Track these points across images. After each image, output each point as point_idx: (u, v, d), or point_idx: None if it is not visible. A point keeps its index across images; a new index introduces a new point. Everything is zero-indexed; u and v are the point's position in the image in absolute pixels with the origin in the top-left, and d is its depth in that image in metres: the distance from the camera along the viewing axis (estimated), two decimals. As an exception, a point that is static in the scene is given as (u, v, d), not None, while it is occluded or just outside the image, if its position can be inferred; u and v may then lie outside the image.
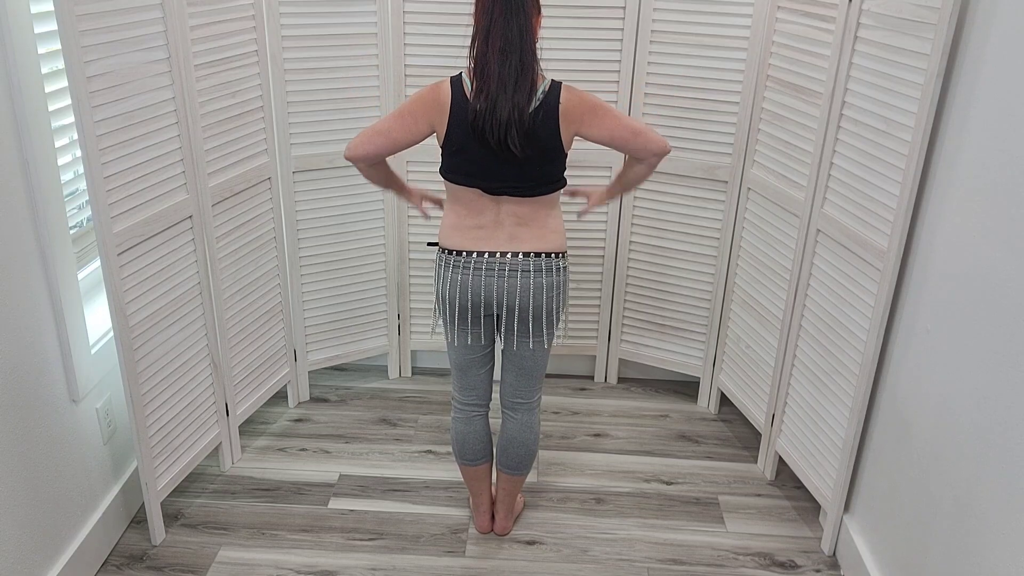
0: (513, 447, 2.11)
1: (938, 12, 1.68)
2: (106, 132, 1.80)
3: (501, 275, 1.90)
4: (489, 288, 1.91)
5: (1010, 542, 1.46)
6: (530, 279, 1.91)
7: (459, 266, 1.91)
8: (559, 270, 1.94)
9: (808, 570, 2.17)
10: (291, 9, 2.39)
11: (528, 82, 1.75)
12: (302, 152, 2.56)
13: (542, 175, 1.86)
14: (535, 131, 1.78)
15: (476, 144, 1.80)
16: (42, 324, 1.85)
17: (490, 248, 1.90)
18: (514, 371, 2.05)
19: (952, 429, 1.69)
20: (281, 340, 2.69)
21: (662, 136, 1.87)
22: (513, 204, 1.88)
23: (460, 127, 1.80)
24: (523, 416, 2.10)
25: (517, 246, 1.91)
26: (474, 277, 1.91)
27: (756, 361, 2.56)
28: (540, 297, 1.92)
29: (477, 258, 1.90)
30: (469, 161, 1.83)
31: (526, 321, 1.94)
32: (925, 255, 1.82)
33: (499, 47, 1.73)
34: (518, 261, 1.90)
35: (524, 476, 2.17)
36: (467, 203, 1.90)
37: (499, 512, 2.24)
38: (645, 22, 2.49)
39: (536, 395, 2.10)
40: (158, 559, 2.14)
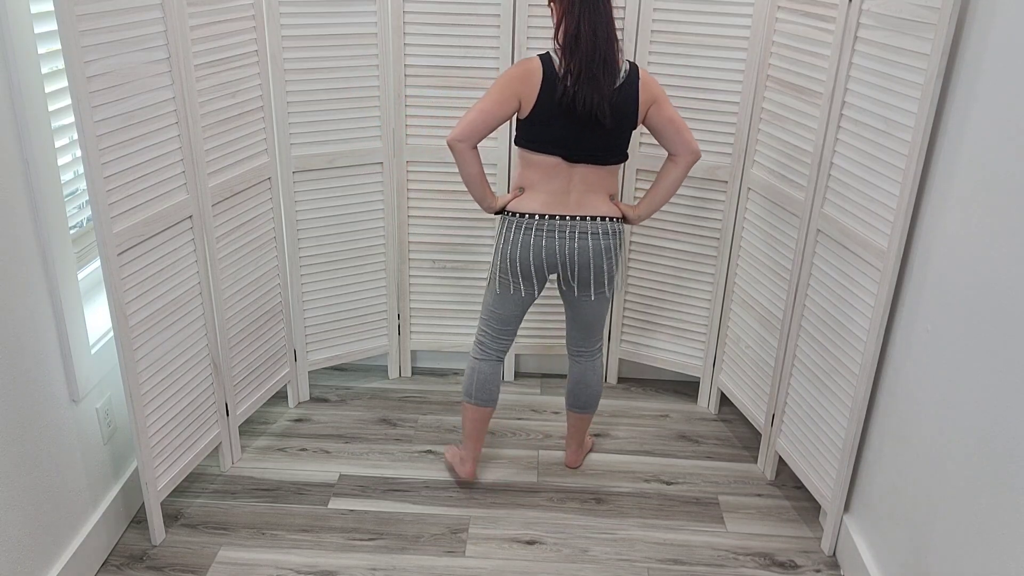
0: (579, 388, 2.39)
1: (938, 12, 1.68)
2: (106, 132, 1.80)
3: (572, 237, 2.11)
4: (560, 249, 2.12)
5: (1010, 542, 1.46)
6: (596, 241, 2.12)
7: (531, 228, 2.11)
8: (617, 233, 2.16)
9: (808, 570, 2.17)
10: (291, 9, 2.39)
11: (615, 60, 1.99)
12: (302, 152, 2.56)
13: (617, 145, 2.08)
14: (619, 105, 2.01)
15: (563, 116, 2.00)
16: (42, 324, 1.85)
17: (562, 211, 2.10)
18: (577, 325, 2.32)
19: (952, 429, 1.69)
20: (281, 340, 2.69)
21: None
22: (587, 171, 2.09)
23: (549, 100, 2.00)
24: (586, 362, 2.37)
25: (584, 210, 2.11)
26: (546, 239, 2.11)
27: (756, 361, 2.57)
28: (601, 257, 2.14)
29: (549, 221, 2.10)
30: (555, 130, 2.03)
31: (588, 280, 2.17)
32: (925, 255, 1.82)
33: (590, 31, 1.94)
34: (587, 223, 2.11)
35: (590, 415, 2.45)
36: (544, 170, 2.09)
37: (570, 447, 2.52)
38: (645, 22, 2.49)
39: (596, 344, 2.36)
40: (158, 559, 2.14)
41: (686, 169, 2.11)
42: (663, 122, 2.07)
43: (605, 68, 1.97)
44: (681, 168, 2.11)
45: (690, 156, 2.09)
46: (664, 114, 2.06)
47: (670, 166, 2.12)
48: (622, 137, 2.07)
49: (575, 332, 2.33)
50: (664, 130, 2.08)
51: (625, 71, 2.01)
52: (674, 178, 2.12)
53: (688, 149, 2.08)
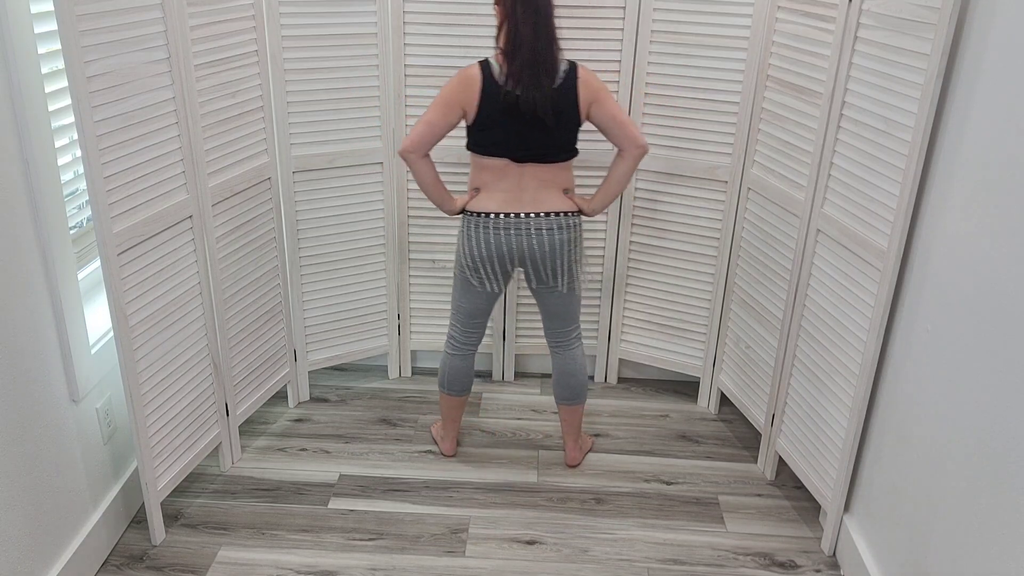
0: (563, 378, 2.42)
1: (938, 12, 1.68)
2: (106, 132, 1.80)
3: (527, 233, 2.18)
4: (518, 245, 2.20)
5: (1010, 542, 1.46)
6: (552, 236, 2.19)
7: (488, 227, 2.19)
8: (573, 227, 2.23)
9: (808, 570, 2.17)
10: (291, 9, 2.39)
11: (554, 62, 2.06)
12: (302, 152, 2.56)
13: (562, 143, 2.15)
14: (559, 103, 2.07)
15: (507, 118, 2.08)
16: (42, 324, 1.85)
17: (515, 209, 2.18)
18: (547, 316, 2.38)
19: (952, 429, 1.69)
20: (281, 340, 2.69)
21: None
22: (536, 169, 2.16)
23: (491, 104, 2.08)
24: (565, 351, 2.41)
25: (538, 207, 2.19)
26: (504, 236, 2.19)
27: (756, 361, 2.56)
28: (557, 251, 2.21)
29: (504, 219, 2.18)
30: (499, 134, 2.11)
31: (550, 272, 2.23)
32: (925, 255, 1.82)
33: (527, 34, 2.02)
34: (541, 220, 2.18)
35: (580, 405, 2.46)
36: (494, 171, 2.17)
37: (568, 444, 2.53)
38: (645, 22, 2.49)
39: (572, 333, 2.40)
40: (158, 559, 2.14)
41: (634, 162, 2.16)
42: (605, 119, 2.12)
43: (544, 69, 2.04)
44: (628, 162, 2.16)
45: (636, 150, 2.14)
46: (606, 111, 2.11)
47: (618, 160, 2.18)
48: (566, 135, 2.14)
49: (549, 323, 2.39)
50: (607, 126, 2.13)
51: (564, 70, 2.08)
52: (622, 172, 2.18)
53: (633, 143, 2.13)
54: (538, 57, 2.03)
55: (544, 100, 2.05)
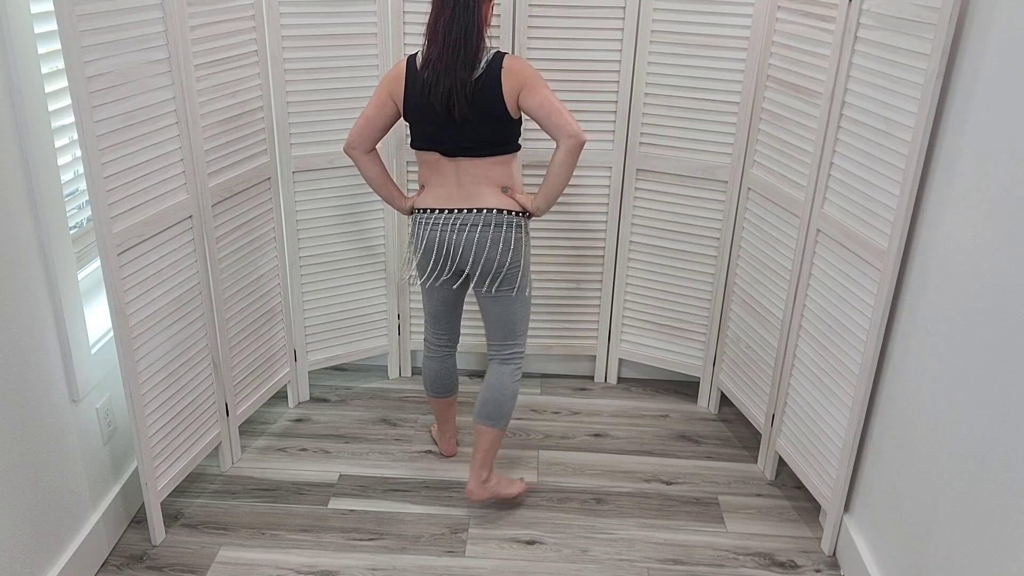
0: (484, 394, 2.25)
1: (938, 12, 1.68)
2: (106, 132, 1.80)
3: (462, 229, 2.10)
4: (454, 242, 2.11)
5: (1010, 542, 1.46)
6: (488, 232, 2.09)
7: (427, 223, 2.13)
8: (513, 226, 2.12)
9: (808, 570, 2.17)
10: (291, 9, 2.39)
11: (471, 53, 1.97)
12: (302, 152, 2.56)
13: (492, 137, 2.05)
14: (478, 97, 1.98)
15: (428, 111, 2.02)
16: (42, 324, 1.85)
17: (451, 205, 2.11)
18: (487, 320, 2.24)
19: (952, 429, 1.69)
20: (281, 340, 2.69)
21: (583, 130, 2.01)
22: (469, 164, 2.08)
23: (413, 97, 2.04)
24: (497, 366, 2.25)
25: (474, 203, 2.10)
26: (440, 232, 2.12)
27: (756, 361, 2.57)
28: (496, 249, 2.10)
29: (438, 215, 2.12)
30: (425, 126, 2.06)
31: (482, 274, 2.13)
32: (925, 255, 1.82)
33: (444, 23, 1.96)
34: (472, 216, 2.10)
35: (495, 429, 2.24)
36: (431, 165, 2.12)
37: (472, 467, 2.28)
38: (645, 22, 2.49)
39: (510, 348, 2.25)
40: (158, 559, 2.14)
41: (567, 152, 1.99)
42: (534, 107, 1.99)
43: (458, 59, 1.95)
44: (562, 152, 1.99)
45: (569, 139, 1.97)
46: (534, 99, 1.98)
47: (555, 152, 2.02)
48: (492, 128, 2.03)
49: (488, 329, 2.26)
50: (536, 115, 1.99)
51: (487, 60, 1.98)
52: (558, 163, 2.01)
53: (565, 132, 1.97)
54: (449, 46, 1.95)
55: (458, 92, 1.96)
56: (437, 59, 1.97)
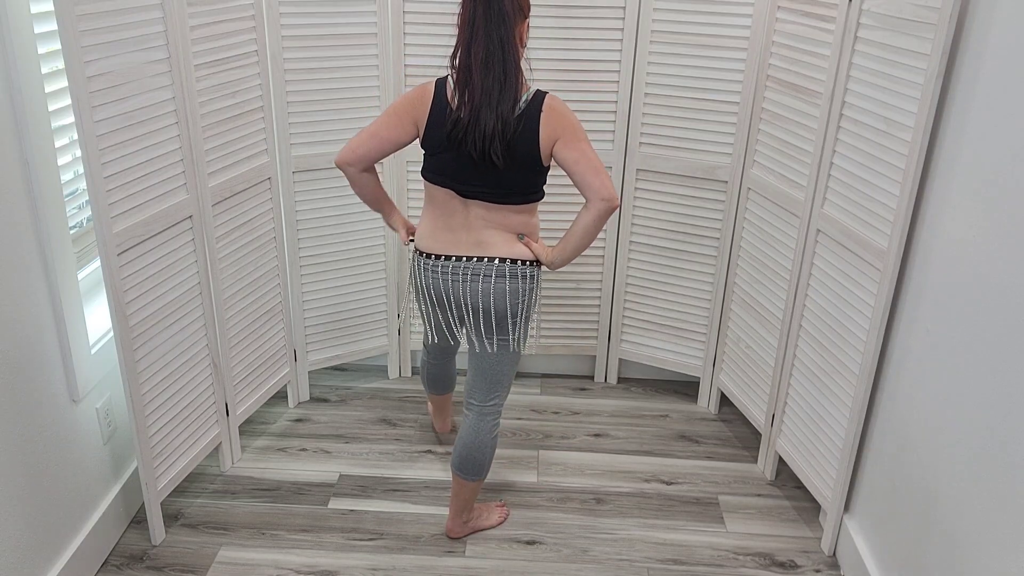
0: (462, 450, 2.09)
1: (938, 12, 1.68)
2: (106, 132, 1.80)
3: (465, 279, 1.92)
4: (455, 291, 1.95)
5: (1010, 542, 1.46)
6: (491, 284, 1.91)
7: (428, 268, 1.96)
8: (525, 277, 1.94)
9: (808, 570, 2.17)
10: (291, 9, 2.39)
11: (512, 93, 1.77)
12: (302, 152, 2.56)
13: (517, 184, 1.87)
14: (516, 140, 1.79)
15: (453, 147, 1.82)
16: (42, 324, 1.85)
17: (456, 252, 1.93)
18: (473, 370, 2.06)
19: (952, 429, 1.69)
20: (281, 340, 2.69)
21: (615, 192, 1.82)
22: (483, 209, 1.90)
23: (438, 129, 1.83)
24: (475, 419, 2.08)
25: (483, 251, 1.92)
26: (442, 280, 1.95)
27: (756, 361, 2.56)
28: (502, 302, 1.93)
29: (444, 262, 1.94)
30: (444, 162, 1.86)
31: (487, 324, 1.96)
32: (925, 255, 1.82)
33: (481, 59, 1.74)
34: (482, 266, 1.91)
35: (472, 483, 2.13)
36: (440, 203, 1.93)
37: (450, 513, 2.22)
38: (645, 22, 2.49)
39: (491, 401, 2.07)
40: (158, 559, 2.14)
41: (597, 216, 1.81)
42: (568, 163, 1.79)
43: (501, 102, 1.75)
44: (592, 215, 1.81)
45: (601, 203, 1.78)
46: (568, 154, 1.79)
47: (582, 211, 1.84)
48: (520, 176, 1.84)
49: (471, 378, 2.07)
50: (571, 170, 1.80)
51: (526, 101, 1.79)
52: (583, 225, 1.84)
53: (597, 196, 1.78)
54: (491, 89, 1.74)
55: (492, 134, 1.75)
56: (473, 96, 1.76)
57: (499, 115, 1.76)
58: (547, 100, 1.80)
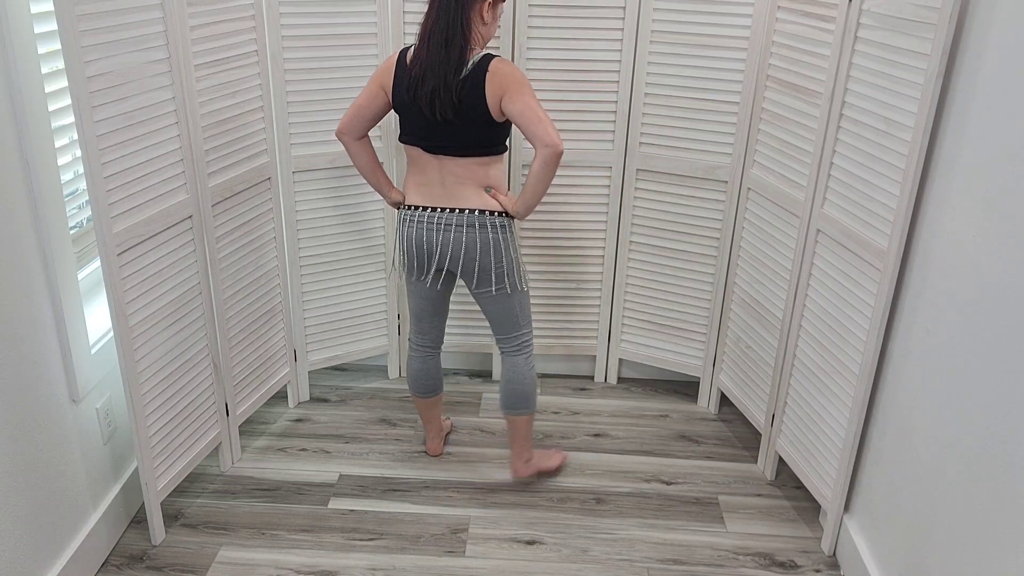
0: (506, 387, 2.31)
1: (938, 12, 1.68)
2: (106, 132, 1.80)
3: (445, 230, 2.11)
4: (432, 241, 2.13)
5: (1010, 542, 1.46)
6: (463, 234, 2.11)
7: (409, 220, 2.15)
8: (495, 227, 2.12)
9: (808, 570, 2.17)
10: (291, 9, 2.39)
11: (455, 55, 1.97)
12: (302, 152, 2.56)
13: (476, 139, 2.05)
14: (462, 98, 1.98)
15: (412, 107, 2.04)
16: (42, 324, 1.85)
17: (431, 203, 2.12)
18: (488, 318, 2.28)
19: (952, 429, 1.69)
20: (281, 340, 2.69)
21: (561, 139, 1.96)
22: (451, 163, 2.09)
23: (400, 91, 2.05)
24: (509, 359, 2.30)
25: (456, 203, 2.11)
26: (419, 230, 2.14)
27: (756, 361, 2.56)
28: (474, 251, 2.12)
29: (421, 212, 2.13)
30: (410, 121, 2.08)
31: (470, 274, 2.16)
32: (925, 255, 1.82)
33: (430, 28, 1.99)
34: (454, 216, 2.10)
35: (523, 416, 2.33)
36: (415, 161, 2.13)
37: (512, 453, 2.43)
38: (645, 22, 2.49)
39: (516, 340, 2.28)
40: (158, 559, 2.14)
41: (544, 162, 1.96)
42: (515, 113, 1.96)
43: (440, 60, 1.96)
44: (539, 161, 1.97)
45: (544, 149, 1.94)
46: (514, 106, 1.95)
47: (533, 161, 2.00)
48: (474, 130, 2.02)
49: (491, 326, 2.31)
50: (517, 121, 1.97)
51: (473, 63, 1.98)
52: (534, 173, 2.00)
53: (542, 142, 1.94)
54: (435, 51, 1.97)
55: (441, 93, 1.96)
56: (424, 58, 1.99)
57: (442, 73, 1.96)
58: (492, 63, 1.99)
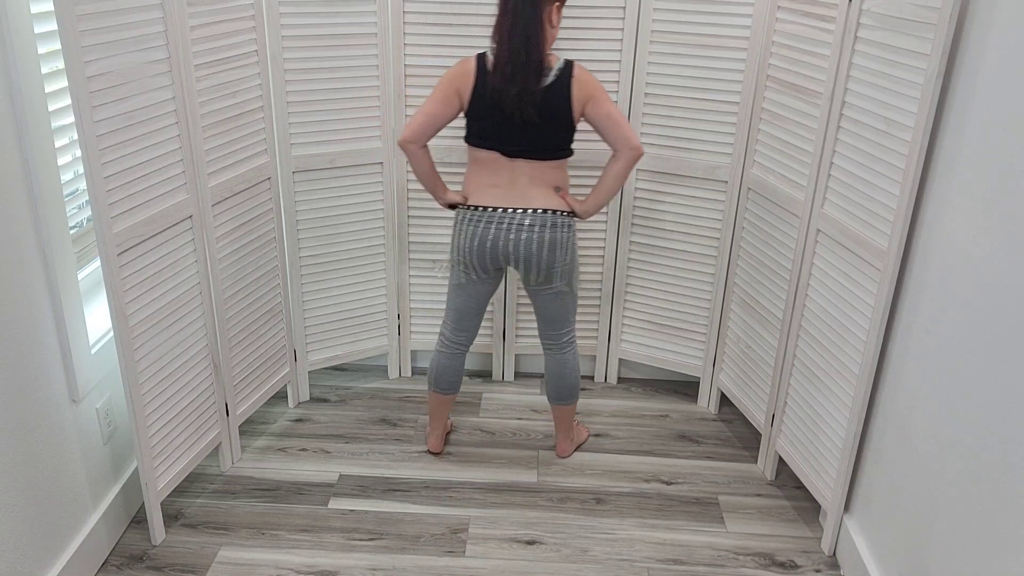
0: (553, 380, 2.45)
1: (938, 12, 1.68)
2: (106, 132, 1.80)
3: (517, 229, 2.18)
4: (504, 240, 2.19)
5: (1010, 542, 1.46)
6: (538, 233, 2.18)
7: (480, 220, 2.20)
8: (564, 226, 2.21)
9: (808, 570, 2.17)
10: (291, 9, 2.39)
11: (536, 59, 2.04)
12: (302, 152, 2.56)
13: (553, 141, 2.15)
14: (547, 102, 2.07)
15: (494, 112, 2.09)
16: (42, 324, 1.85)
17: (504, 204, 2.19)
18: (539, 318, 2.38)
19: (952, 429, 1.69)
20: (281, 340, 2.69)
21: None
22: (526, 165, 2.17)
23: (481, 97, 2.10)
24: (556, 354, 2.41)
25: (528, 203, 2.18)
26: (492, 230, 2.19)
27: (756, 361, 2.57)
28: (544, 250, 2.19)
29: (492, 212, 2.19)
30: (489, 127, 2.13)
31: (536, 273, 2.23)
32: (925, 255, 1.82)
33: (506, 28, 2.03)
34: (527, 216, 2.18)
35: (570, 405, 2.49)
36: (486, 164, 2.19)
37: (559, 437, 2.57)
38: (645, 22, 2.49)
39: (563, 337, 2.39)
40: (158, 559, 2.14)
41: (627, 164, 2.14)
42: (600, 118, 2.11)
43: (529, 67, 2.04)
44: (621, 163, 2.14)
45: (630, 151, 2.12)
46: (601, 110, 2.10)
47: (611, 162, 2.16)
48: (556, 134, 2.13)
49: (540, 324, 2.39)
50: (601, 126, 2.12)
51: (558, 69, 2.08)
52: (615, 173, 2.16)
53: (627, 145, 2.11)
54: (519, 55, 2.03)
55: (528, 99, 2.05)
56: (505, 64, 2.04)
57: (527, 80, 2.04)
58: (576, 69, 2.10)
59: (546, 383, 2.47)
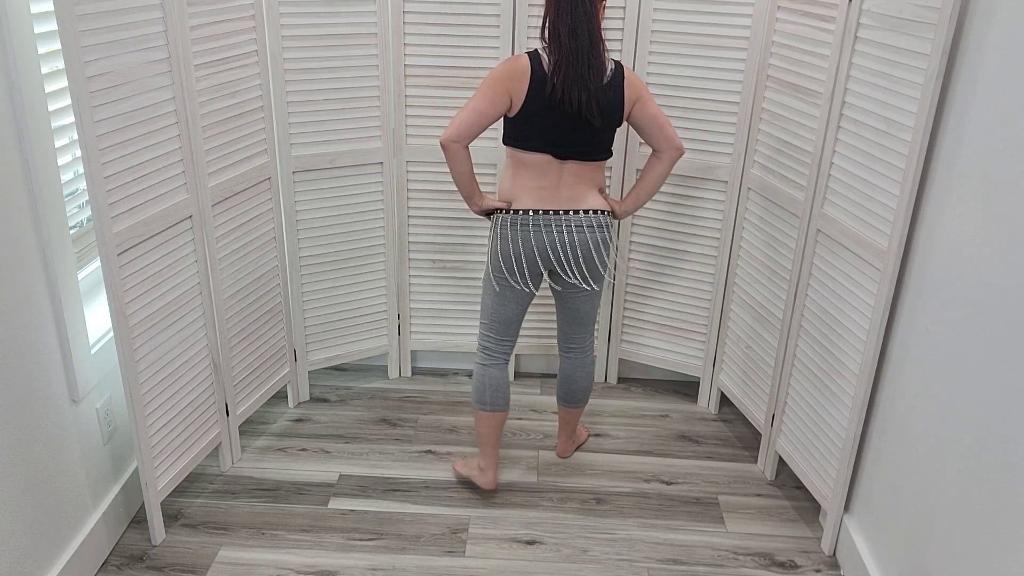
0: (569, 383, 2.42)
1: (938, 12, 1.68)
2: (106, 132, 1.80)
3: (564, 231, 2.13)
4: (554, 243, 2.14)
5: (1010, 542, 1.46)
6: (589, 234, 2.15)
7: (525, 224, 2.13)
8: (608, 226, 2.20)
9: (808, 570, 2.17)
10: (291, 9, 2.39)
11: (599, 59, 2.01)
12: (302, 152, 2.56)
13: (605, 142, 2.13)
14: (606, 103, 2.04)
15: (552, 113, 2.03)
16: (42, 324, 1.85)
17: (556, 206, 2.13)
18: (569, 320, 2.34)
19: (952, 429, 1.69)
20: (281, 340, 2.69)
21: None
22: (576, 167, 2.12)
23: (538, 98, 2.02)
24: (577, 357, 2.39)
25: (576, 204, 2.14)
26: (542, 233, 2.13)
27: (756, 361, 2.56)
28: (592, 250, 2.16)
29: (543, 216, 2.13)
30: (541, 129, 2.06)
31: (582, 273, 2.19)
32: (925, 255, 1.82)
33: (568, 29, 1.97)
34: (579, 217, 2.14)
35: (581, 408, 2.48)
36: (533, 167, 2.12)
37: (561, 438, 2.57)
38: (645, 22, 2.49)
39: (587, 340, 2.39)
40: (158, 559, 2.14)
41: (670, 165, 2.14)
42: (647, 119, 2.10)
43: (591, 67, 1.99)
44: (665, 164, 2.14)
45: (674, 152, 2.12)
46: (648, 111, 2.09)
47: (654, 162, 2.15)
48: (608, 135, 2.12)
49: (567, 327, 2.35)
50: (648, 127, 2.11)
51: (611, 70, 2.05)
52: (658, 174, 2.16)
53: (671, 145, 2.11)
54: (583, 54, 1.98)
55: (591, 99, 2.00)
56: (568, 65, 1.98)
57: (592, 80, 2.00)
58: (625, 70, 2.08)
59: (560, 385, 2.43)
